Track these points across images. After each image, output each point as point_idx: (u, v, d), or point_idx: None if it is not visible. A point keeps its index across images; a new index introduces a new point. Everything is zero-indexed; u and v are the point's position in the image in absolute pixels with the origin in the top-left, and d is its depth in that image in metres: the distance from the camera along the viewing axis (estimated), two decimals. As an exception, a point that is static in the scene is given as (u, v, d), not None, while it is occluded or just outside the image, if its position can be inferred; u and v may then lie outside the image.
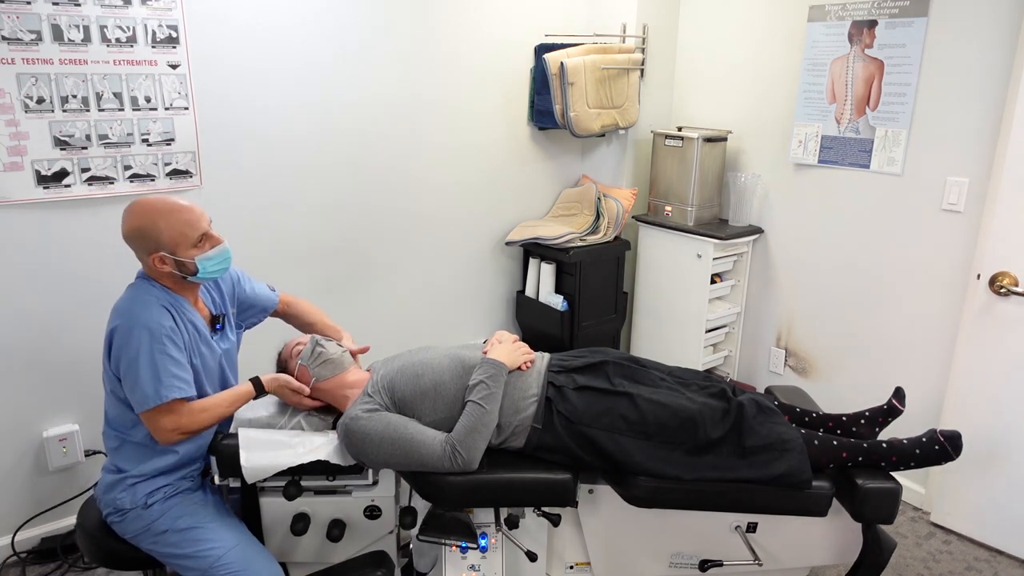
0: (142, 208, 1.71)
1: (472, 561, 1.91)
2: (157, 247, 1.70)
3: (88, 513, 1.87)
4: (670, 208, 3.23)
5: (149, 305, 1.71)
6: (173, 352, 1.69)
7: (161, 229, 1.69)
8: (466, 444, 1.73)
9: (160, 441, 1.72)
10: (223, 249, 1.78)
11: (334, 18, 2.64)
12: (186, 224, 1.71)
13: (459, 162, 3.12)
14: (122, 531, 1.78)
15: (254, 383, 1.85)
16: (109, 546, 1.81)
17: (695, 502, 1.80)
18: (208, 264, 1.75)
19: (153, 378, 1.65)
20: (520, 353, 1.94)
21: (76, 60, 2.17)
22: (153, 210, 1.70)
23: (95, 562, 1.97)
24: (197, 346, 1.80)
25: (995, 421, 2.45)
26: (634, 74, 3.18)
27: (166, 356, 1.68)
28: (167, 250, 1.70)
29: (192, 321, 1.79)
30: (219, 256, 1.77)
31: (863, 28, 2.68)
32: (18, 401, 2.31)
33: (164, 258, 1.71)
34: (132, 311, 1.70)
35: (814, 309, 3.05)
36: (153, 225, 1.69)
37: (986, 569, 2.45)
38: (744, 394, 1.92)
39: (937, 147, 2.55)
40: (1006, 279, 2.37)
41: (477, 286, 3.35)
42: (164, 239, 1.69)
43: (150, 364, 1.66)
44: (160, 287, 1.77)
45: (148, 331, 1.67)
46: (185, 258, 1.72)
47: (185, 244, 1.71)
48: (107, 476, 1.80)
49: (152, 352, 1.66)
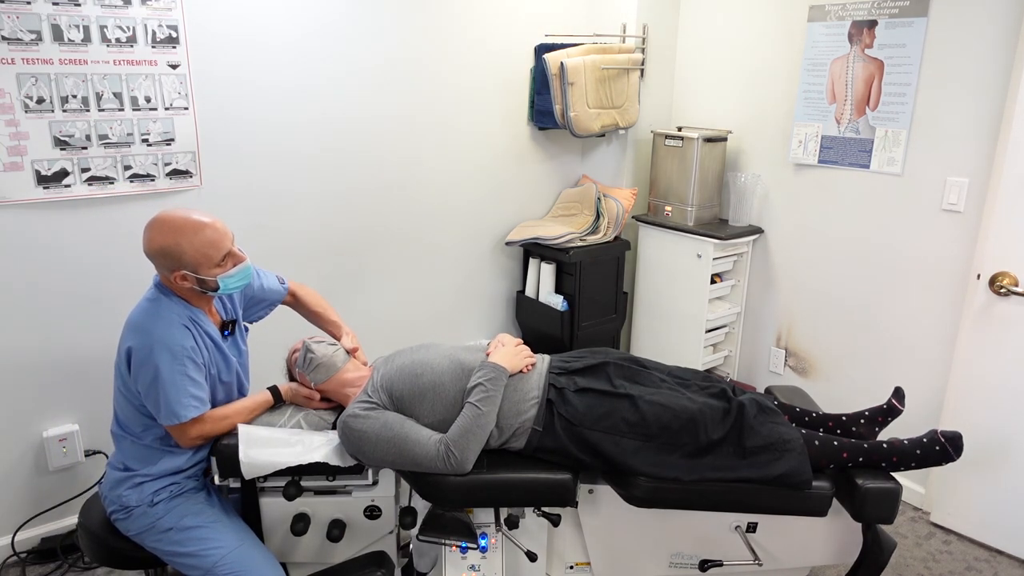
0: (166, 226, 1.69)
1: (472, 561, 1.91)
2: (180, 266, 1.70)
3: (90, 512, 1.88)
4: (670, 208, 3.23)
5: (171, 324, 1.72)
6: (192, 372, 1.72)
7: (184, 250, 1.68)
8: (460, 445, 1.73)
9: (184, 446, 1.78)
10: (245, 267, 1.79)
11: (334, 17, 2.64)
12: (210, 245, 1.70)
13: (459, 162, 3.12)
14: (126, 529, 1.79)
15: (272, 392, 1.92)
16: (111, 545, 1.81)
17: (695, 502, 1.80)
18: (229, 282, 1.76)
19: (173, 399, 1.69)
20: (522, 357, 1.93)
21: (76, 60, 2.17)
22: (177, 230, 1.68)
23: (96, 561, 1.97)
24: (214, 357, 1.82)
25: (995, 421, 2.45)
26: (634, 74, 3.18)
27: (186, 377, 1.70)
28: (189, 269, 1.70)
29: (208, 333, 1.81)
30: (241, 274, 1.78)
31: (863, 28, 2.68)
32: (18, 401, 2.31)
33: (186, 276, 1.71)
34: (153, 331, 1.70)
35: (814, 309, 3.05)
36: (176, 245, 1.68)
37: (986, 569, 2.45)
38: (744, 394, 1.92)
39: (937, 147, 2.55)
40: (1006, 279, 2.37)
41: (477, 286, 3.35)
42: (187, 260, 1.69)
43: (171, 385, 1.69)
44: (177, 300, 1.77)
45: (169, 352, 1.69)
46: (207, 276, 1.72)
47: (208, 264, 1.71)
48: (113, 473, 1.81)
49: (173, 373, 1.69)
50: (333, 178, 2.78)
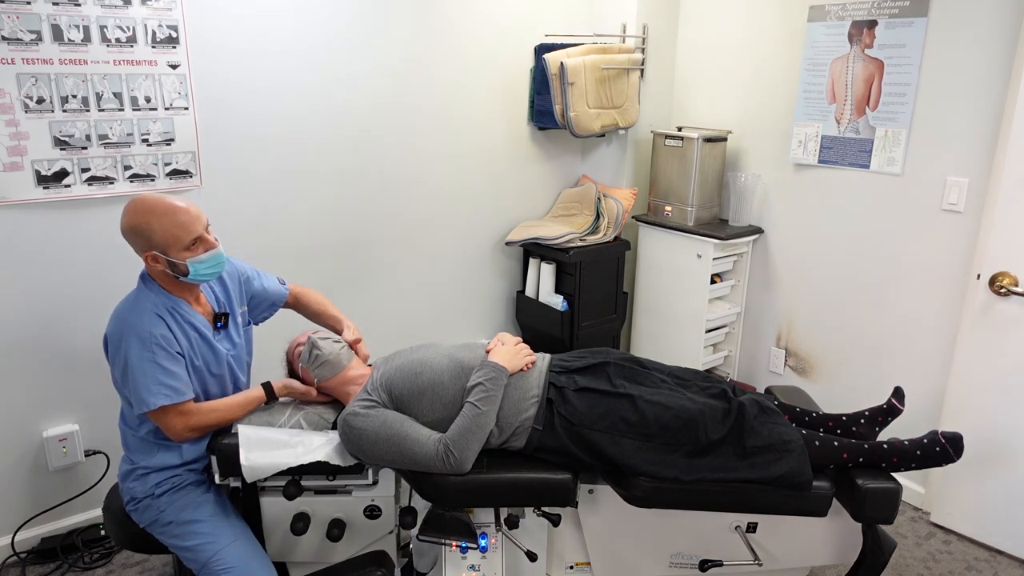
0: (139, 206, 1.72)
1: (472, 561, 1.91)
2: (149, 246, 1.71)
3: (114, 498, 1.94)
4: (670, 208, 3.23)
5: (142, 312, 1.72)
6: (163, 360, 1.71)
7: (154, 229, 1.69)
8: (459, 445, 1.73)
9: (174, 439, 1.78)
10: (216, 253, 1.78)
11: (334, 18, 2.64)
12: (179, 226, 1.71)
13: (459, 162, 3.12)
14: (138, 520, 1.84)
15: (265, 388, 1.91)
16: (133, 531, 1.86)
17: (695, 502, 1.80)
18: (199, 267, 1.75)
19: (142, 386, 1.69)
20: (522, 356, 1.94)
21: (76, 60, 2.17)
22: (148, 210, 1.71)
23: (120, 545, 2.02)
24: (199, 348, 1.81)
25: (995, 421, 2.45)
26: (634, 74, 3.18)
27: (155, 365, 1.70)
28: (159, 250, 1.71)
29: (192, 323, 1.80)
30: (212, 260, 1.77)
31: (863, 28, 2.68)
32: (18, 401, 2.31)
33: (157, 257, 1.72)
34: (126, 318, 1.73)
35: (814, 309, 3.05)
36: (147, 224, 1.70)
37: (986, 569, 2.45)
38: (745, 394, 1.92)
39: (937, 147, 2.55)
40: (1006, 279, 2.37)
41: (477, 286, 3.35)
42: (156, 239, 1.70)
43: (140, 372, 1.69)
44: (159, 289, 1.78)
45: (138, 339, 1.69)
46: (176, 259, 1.72)
47: (177, 246, 1.71)
48: (123, 466, 1.87)
49: (141, 361, 1.69)
50: (333, 178, 2.78)
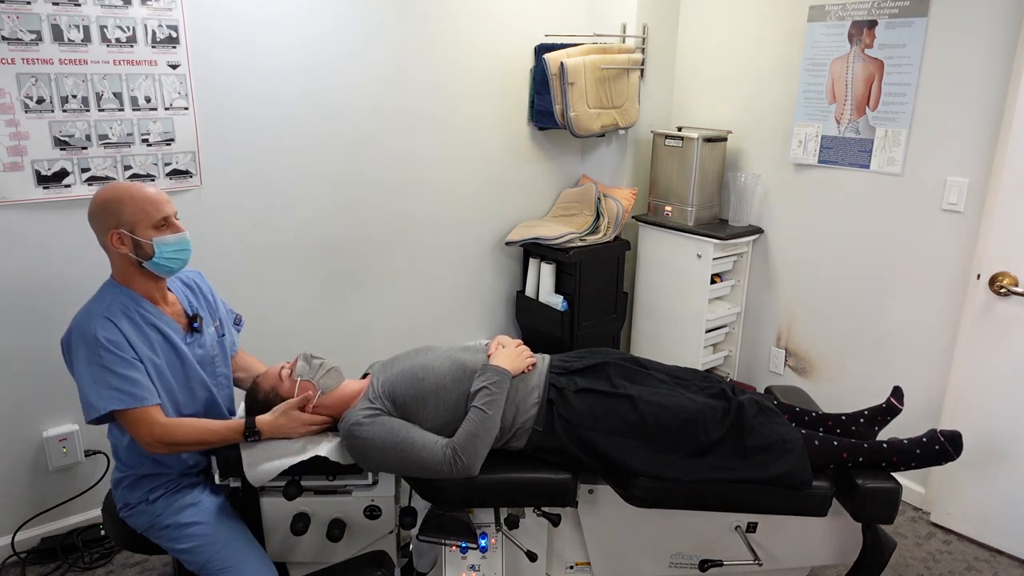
0: (111, 187, 1.73)
1: (472, 561, 1.91)
2: (117, 223, 1.68)
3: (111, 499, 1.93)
4: (670, 208, 3.23)
5: (91, 317, 1.68)
6: (111, 364, 1.65)
7: (125, 204, 1.69)
8: (467, 450, 1.73)
9: (145, 449, 1.71)
10: (182, 238, 1.75)
11: (334, 18, 2.64)
12: (150, 202, 1.71)
13: (459, 162, 3.12)
14: (134, 525, 1.82)
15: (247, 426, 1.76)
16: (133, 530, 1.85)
17: (695, 502, 1.80)
18: (165, 249, 1.72)
19: (90, 390, 1.65)
20: (523, 358, 1.93)
21: (76, 60, 2.17)
22: (121, 188, 1.72)
23: (120, 546, 2.00)
24: (162, 351, 1.76)
25: (995, 421, 2.45)
26: (634, 74, 3.18)
27: (102, 368, 1.65)
28: (126, 227, 1.69)
29: (155, 324, 1.75)
30: (177, 243, 1.74)
31: (863, 28, 2.68)
32: (18, 401, 2.31)
33: (122, 236, 1.69)
34: (76, 324, 1.70)
35: (814, 309, 3.05)
36: (118, 200, 1.69)
37: (986, 569, 2.45)
38: (744, 394, 1.92)
39: (937, 147, 2.55)
40: (1006, 279, 2.37)
41: (477, 286, 3.35)
42: (126, 215, 1.69)
43: (87, 376, 1.65)
44: (121, 289, 1.74)
45: (85, 343, 1.66)
46: (143, 238, 1.69)
47: (145, 223, 1.69)
48: (115, 473, 1.85)
49: (90, 364, 1.65)
50: (333, 178, 2.78)
